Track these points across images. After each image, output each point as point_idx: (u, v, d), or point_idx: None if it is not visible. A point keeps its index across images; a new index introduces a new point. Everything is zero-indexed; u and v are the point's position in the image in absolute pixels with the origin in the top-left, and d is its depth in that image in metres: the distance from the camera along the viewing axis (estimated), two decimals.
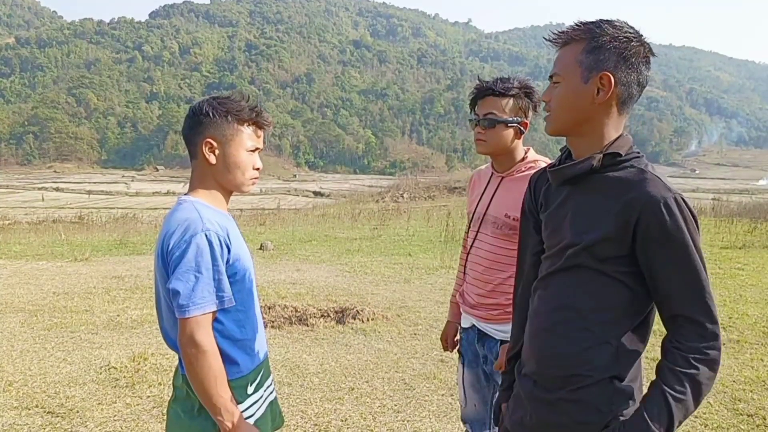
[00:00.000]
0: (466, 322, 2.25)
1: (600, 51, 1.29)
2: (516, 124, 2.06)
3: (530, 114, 2.11)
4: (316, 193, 56.58)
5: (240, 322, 1.59)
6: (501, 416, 1.57)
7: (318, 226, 14.61)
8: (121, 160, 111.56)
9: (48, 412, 3.39)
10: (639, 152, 1.33)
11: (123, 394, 3.66)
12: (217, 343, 1.50)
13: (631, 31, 1.31)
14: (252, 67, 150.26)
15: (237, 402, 1.55)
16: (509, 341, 1.64)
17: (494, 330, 2.11)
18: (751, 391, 3.73)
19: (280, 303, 5.67)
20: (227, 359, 1.54)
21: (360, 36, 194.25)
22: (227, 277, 1.53)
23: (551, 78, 1.37)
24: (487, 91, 2.07)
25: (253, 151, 1.63)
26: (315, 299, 6.13)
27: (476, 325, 2.19)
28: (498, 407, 1.61)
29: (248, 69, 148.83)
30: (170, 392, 1.71)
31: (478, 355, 2.20)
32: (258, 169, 1.66)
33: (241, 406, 1.56)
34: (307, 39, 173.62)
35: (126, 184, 71.01)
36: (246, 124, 1.61)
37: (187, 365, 1.48)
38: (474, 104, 2.13)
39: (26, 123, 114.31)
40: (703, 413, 3.40)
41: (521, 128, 2.08)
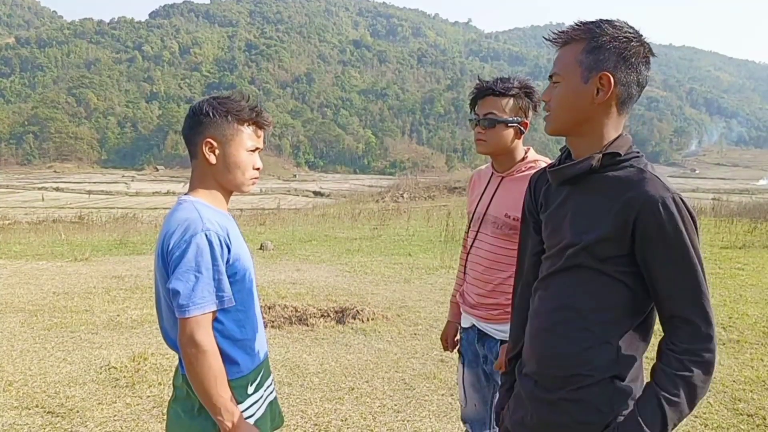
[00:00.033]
0: (466, 321, 2.25)
1: (600, 51, 1.29)
2: (516, 124, 2.07)
3: (530, 114, 2.12)
4: (316, 193, 56.58)
5: (240, 322, 1.59)
6: (502, 416, 1.57)
7: (318, 226, 14.61)
8: (121, 160, 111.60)
9: (48, 412, 3.39)
10: (639, 152, 1.33)
11: (123, 394, 3.66)
12: (217, 343, 1.50)
13: (631, 31, 1.30)
14: (252, 67, 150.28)
15: (237, 402, 1.55)
16: (508, 341, 1.64)
17: (494, 330, 2.11)
18: (751, 391, 3.73)
19: (280, 303, 5.67)
20: (227, 359, 1.54)
21: (360, 36, 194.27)
22: (227, 277, 1.53)
23: (551, 78, 1.37)
24: (487, 91, 2.07)
25: (253, 150, 1.63)
26: (315, 299, 6.13)
27: (476, 324, 2.19)
28: (499, 408, 1.61)
29: (248, 69, 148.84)
30: (170, 392, 1.71)
31: (478, 355, 2.20)
32: (258, 168, 1.66)
33: (242, 406, 1.56)
34: (307, 39, 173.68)
35: (126, 184, 71.04)
36: (246, 124, 1.61)
37: (187, 365, 1.48)
38: (474, 104, 2.13)
39: (26, 123, 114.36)
40: (703, 413, 3.40)
41: (521, 128, 2.09)
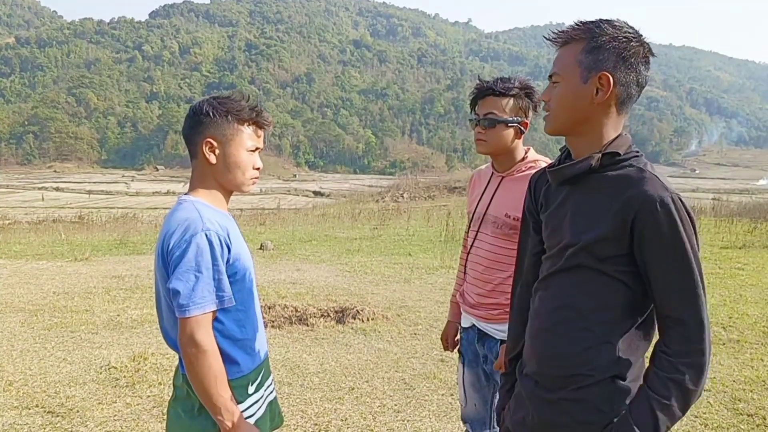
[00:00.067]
0: (467, 321, 2.26)
1: (599, 51, 1.29)
2: (516, 124, 2.07)
3: (530, 114, 2.12)
4: (316, 193, 56.57)
5: (240, 321, 1.59)
6: (503, 416, 1.57)
7: (318, 225, 14.61)
8: (121, 160, 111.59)
9: (48, 412, 3.40)
10: (638, 151, 1.33)
11: (123, 394, 3.66)
12: (217, 343, 1.51)
13: (631, 31, 1.30)
14: (252, 66, 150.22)
15: (237, 401, 1.55)
16: (508, 341, 1.64)
17: (494, 330, 2.11)
18: (751, 391, 3.73)
19: (280, 303, 5.67)
20: (227, 359, 1.54)
21: (360, 36, 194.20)
22: (227, 276, 1.53)
23: (550, 78, 1.38)
24: (487, 91, 2.07)
25: (253, 150, 1.63)
26: (315, 299, 6.14)
27: (476, 324, 2.19)
28: (500, 409, 1.61)
29: (248, 69, 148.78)
30: (170, 392, 1.71)
31: (478, 354, 2.21)
32: (258, 168, 1.66)
33: (242, 406, 1.56)
34: (307, 39, 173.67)
35: (126, 183, 71.06)
36: (246, 124, 1.61)
37: (187, 365, 1.48)
38: (474, 104, 2.13)
39: (26, 123, 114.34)
40: (703, 413, 3.40)
41: (521, 128, 2.09)
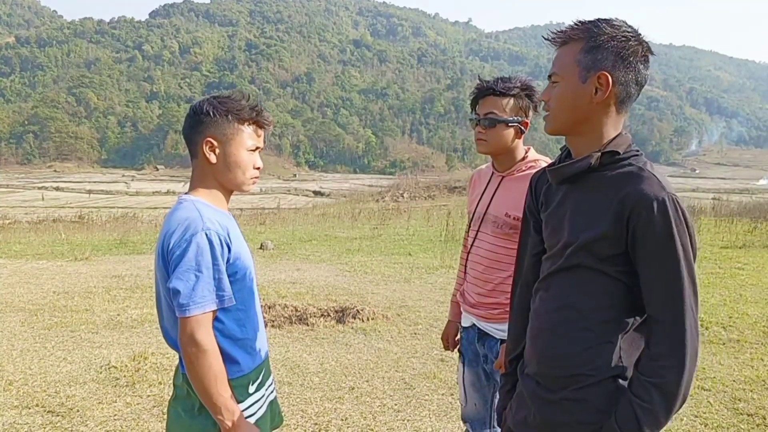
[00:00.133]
0: (467, 321, 2.26)
1: (598, 50, 1.29)
2: (516, 124, 2.07)
3: (531, 114, 2.12)
4: (316, 193, 56.57)
5: (240, 321, 1.59)
6: (504, 416, 1.56)
7: (318, 225, 14.61)
8: (121, 160, 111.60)
9: (48, 411, 3.40)
10: (638, 150, 1.33)
11: (123, 393, 3.67)
12: (217, 342, 1.51)
13: (629, 30, 1.30)
14: (252, 66, 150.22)
15: (238, 401, 1.55)
16: (508, 342, 1.64)
17: (494, 329, 2.11)
18: (751, 391, 3.73)
19: (281, 302, 5.67)
20: (228, 358, 1.54)
21: (360, 35, 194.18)
22: (228, 276, 1.53)
23: (550, 78, 1.38)
24: (487, 91, 2.07)
25: (253, 150, 1.63)
26: (315, 299, 6.14)
27: (476, 324, 2.19)
28: (501, 409, 1.61)
29: (248, 68, 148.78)
30: (170, 391, 1.71)
31: (478, 354, 2.21)
32: (258, 168, 1.66)
33: (242, 405, 1.56)
34: (307, 38, 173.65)
35: (126, 183, 71.09)
36: (246, 124, 1.61)
37: (187, 364, 1.48)
38: (475, 104, 2.13)
39: (26, 122, 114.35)
40: (703, 413, 3.41)
41: (522, 128, 2.09)
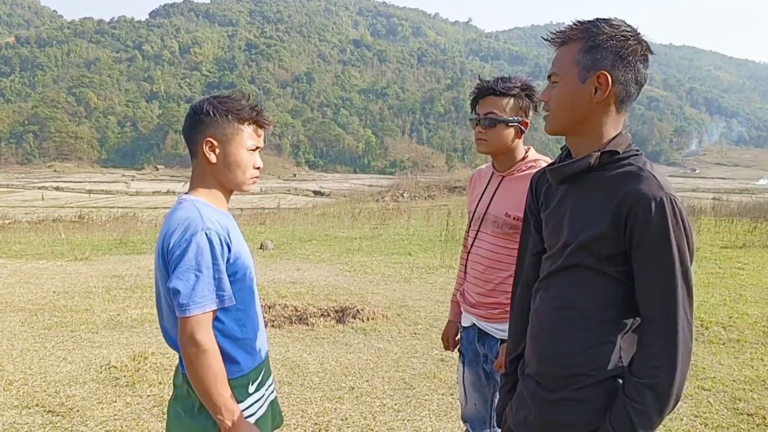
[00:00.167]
0: (467, 321, 2.26)
1: (597, 50, 1.29)
2: (516, 124, 2.07)
3: (531, 113, 2.12)
4: (316, 193, 56.55)
5: (240, 321, 1.59)
6: (504, 416, 1.56)
7: (318, 225, 14.61)
8: (121, 160, 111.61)
9: (48, 411, 3.40)
10: (638, 150, 1.33)
11: (123, 393, 3.67)
12: (217, 342, 1.51)
13: (628, 29, 1.30)
14: (252, 66, 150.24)
15: (238, 401, 1.55)
16: (508, 342, 1.64)
17: (495, 329, 2.11)
18: (751, 391, 3.73)
19: (281, 302, 5.67)
20: (228, 358, 1.54)
21: (360, 35, 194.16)
22: (228, 276, 1.53)
23: (549, 78, 1.38)
24: (487, 91, 2.07)
25: (253, 150, 1.63)
26: (315, 298, 6.14)
27: (477, 324, 2.19)
28: (501, 409, 1.61)
29: (248, 68, 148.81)
30: (170, 391, 1.71)
31: (478, 354, 2.21)
32: (258, 168, 1.66)
33: (243, 405, 1.56)
34: (307, 38, 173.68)
35: (126, 183, 71.10)
36: (246, 123, 1.61)
37: (187, 364, 1.48)
38: (475, 104, 2.13)
39: (26, 122, 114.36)
40: (703, 413, 3.41)
41: (522, 128, 2.09)
